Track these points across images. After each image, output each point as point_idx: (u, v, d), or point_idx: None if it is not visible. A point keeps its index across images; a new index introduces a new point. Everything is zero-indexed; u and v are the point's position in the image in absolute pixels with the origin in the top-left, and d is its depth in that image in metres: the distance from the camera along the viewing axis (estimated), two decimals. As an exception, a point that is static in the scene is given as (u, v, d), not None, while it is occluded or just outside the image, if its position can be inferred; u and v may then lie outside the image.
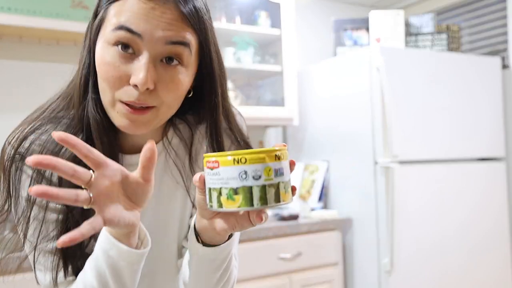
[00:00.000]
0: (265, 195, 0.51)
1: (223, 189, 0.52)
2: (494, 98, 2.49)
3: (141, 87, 0.59)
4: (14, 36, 2.03)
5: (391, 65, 2.17)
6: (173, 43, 0.60)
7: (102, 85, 0.63)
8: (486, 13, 2.79)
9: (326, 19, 3.01)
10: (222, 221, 0.59)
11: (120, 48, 0.60)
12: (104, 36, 0.62)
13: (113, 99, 0.62)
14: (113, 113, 0.63)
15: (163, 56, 0.61)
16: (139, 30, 0.59)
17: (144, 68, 0.59)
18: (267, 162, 0.51)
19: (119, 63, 0.60)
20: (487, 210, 2.41)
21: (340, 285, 2.26)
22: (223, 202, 0.52)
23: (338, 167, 2.43)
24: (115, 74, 0.60)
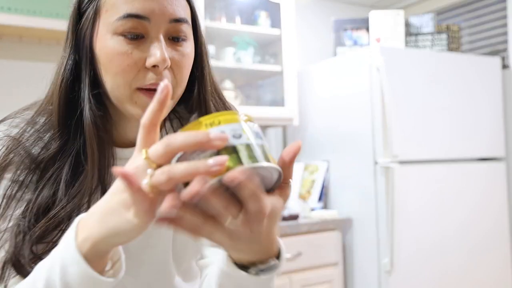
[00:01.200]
0: (253, 153, 0.43)
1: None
2: (494, 98, 2.49)
3: (162, 66, 0.59)
4: (14, 36, 2.04)
5: (391, 65, 2.17)
6: (175, 21, 0.60)
7: (115, 80, 0.61)
8: (486, 13, 2.79)
9: (326, 19, 3.01)
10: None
11: (129, 34, 0.59)
12: (106, 28, 0.60)
13: (131, 90, 0.60)
14: (131, 105, 0.61)
15: (170, 35, 0.61)
16: (146, 13, 0.58)
17: (159, 47, 0.59)
18: (241, 122, 0.45)
19: (131, 49, 0.59)
20: (487, 210, 2.41)
21: (340, 285, 2.26)
22: None
23: (338, 167, 2.43)
24: (130, 62, 0.59)
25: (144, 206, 0.42)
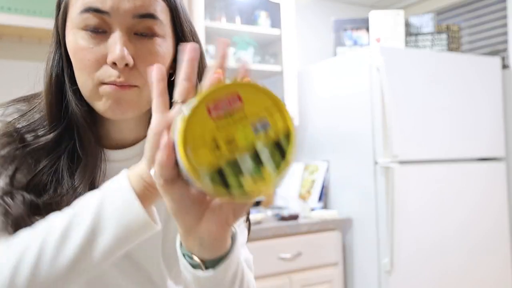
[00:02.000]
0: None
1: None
2: (494, 98, 2.49)
3: (120, 63, 0.56)
4: (14, 36, 2.04)
5: (391, 65, 2.17)
6: (140, 16, 0.58)
7: (80, 75, 0.60)
8: (486, 13, 2.79)
9: (326, 19, 3.01)
10: (211, 217, 0.45)
11: (91, 29, 0.58)
12: (72, 21, 0.59)
13: (94, 85, 0.59)
14: (97, 100, 0.60)
15: (135, 31, 0.59)
16: (106, 8, 0.56)
17: (118, 43, 0.57)
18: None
19: (93, 45, 0.58)
20: (487, 210, 2.41)
21: (340, 285, 2.26)
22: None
23: (338, 167, 2.43)
24: (92, 57, 0.58)
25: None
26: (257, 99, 0.41)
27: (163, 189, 0.43)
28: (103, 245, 0.51)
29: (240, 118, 0.40)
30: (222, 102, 0.40)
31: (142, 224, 0.51)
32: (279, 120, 0.41)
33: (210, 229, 0.45)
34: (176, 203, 0.43)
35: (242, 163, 0.40)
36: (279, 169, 0.40)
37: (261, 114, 0.41)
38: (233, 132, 0.40)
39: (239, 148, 0.40)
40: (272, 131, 0.41)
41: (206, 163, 0.39)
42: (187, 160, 0.39)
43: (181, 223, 0.45)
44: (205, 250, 0.47)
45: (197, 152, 0.39)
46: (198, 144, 0.39)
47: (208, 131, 0.40)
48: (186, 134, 0.39)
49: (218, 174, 0.39)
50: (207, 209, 0.45)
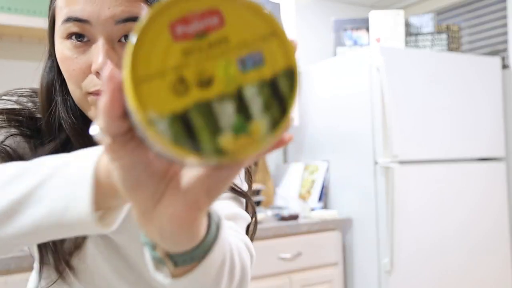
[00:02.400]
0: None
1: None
2: (494, 98, 2.49)
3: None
4: (14, 36, 2.04)
5: (391, 65, 2.17)
6: (123, 21, 0.57)
7: (69, 85, 0.60)
8: (486, 13, 2.79)
9: (326, 19, 3.01)
10: (175, 196, 0.32)
11: (74, 39, 0.57)
12: (57, 32, 0.59)
13: (82, 94, 0.59)
14: (87, 108, 0.60)
15: (118, 37, 0.58)
16: (85, 16, 0.56)
17: (101, 52, 0.56)
18: None
19: (77, 54, 0.58)
20: (487, 210, 2.41)
21: (340, 285, 2.26)
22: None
23: (338, 167, 2.43)
24: (76, 67, 0.58)
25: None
26: (247, 21, 0.29)
27: (110, 152, 0.30)
28: (20, 223, 0.41)
29: (221, 46, 0.28)
30: (193, 17, 0.28)
31: (80, 222, 0.38)
32: (278, 55, 0.29)
33: (172, 213, 0.32)
34: (126, 173, 0.31)
35: (221, 114, 0.28)
36: (275, 127, 0.29)
37: (252, 44, 0.29)
38: (208, 67, 0.28)
39: (217, 91, 0.28)
40: (267, 69, 0.29)
41: (164, 105, 0.27)
42: (135, 98, 0.26)
43: (135, 203, 0.32)
44: (167, 241, 0.33)
45: (152, 90, 0.27)
46: (153, 74, 0.27)
47: (170, 60, 0.27)
48: (136, 62, 0.27)
49: (182, 122, 0.27)
50: (170, 184, 0.32)
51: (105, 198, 0.38)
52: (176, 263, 0.37)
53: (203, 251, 0.37)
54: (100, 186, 0.38)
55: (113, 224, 0.40)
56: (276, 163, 2.82)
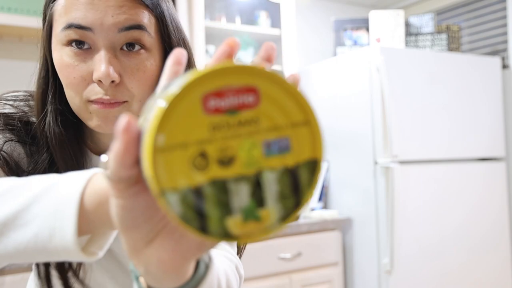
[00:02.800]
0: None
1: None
2: (494, 98, 2.49)
3: (105, 81, 0.55)
4: (14, 36, 2.04)
5: (391, 65, 2.17)
6: (127, 28, 0.56)
7: (68, 92, 0.58)
8: (486, 13, 2.79)
9: (326, 19, 3.01)
10: (166, 243, 0.32)
11: (75, 46, 0.56)
12: (56, 38, 0.58)
13: (83, 102, 0.57)
14: (87, 116, 0.58)
15: (121, 44, 0.57)
16: (88, 23, 0.55)
17: (103, 60, 0.55)
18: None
19: (78, 62, 0.56)
20: (487, 210, 2.41)
21: (340, 285, 2.26)
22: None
23: (338, 167, 2.43)
24: (77, 75, 0.56)
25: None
26: (282, 103, 0.28)
27: (113, 189, 0.30)
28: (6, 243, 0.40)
29: (250, 126, 0.27)
30: (229, 92, 0.27)
31: (64, 250, 0.38)
32: (306, 145, 0.28)
33: (160, 257, 0.32)
34: (125, 213, 0.31)
35: (234, 194, 0.27)
36: (285, 219, 0.28)
37: (282, 129, 0.28)
38: (233, 145, 0.27)
39: (236, 172, 0.27)
40: (291, 158, 0.28)
41: (179, 178, 0.26)
42: (152, 167, 0.26)
43: (127, 240, 0.32)
44: (151, 279, 0.33)
45: (171, 161, 0.26)
46: (175, 145, 0.26)
47: (196, 132, 0.26)
48: (162, 125, 0.26)
49: (194, 196, 0.27)
50: (164, 229, 0.32)
51: (91, 224, 0.38)
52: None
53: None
54: (85, 214, 0.37)
55: (98, 253, 0.40)
56: (276, 163, 2.82)
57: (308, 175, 0.28)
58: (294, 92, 0.28)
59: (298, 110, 0.28)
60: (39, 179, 0.41)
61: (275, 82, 0.27)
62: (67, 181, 0.39)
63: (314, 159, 0.28)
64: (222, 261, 0.55)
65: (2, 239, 0.39)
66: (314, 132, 0.28)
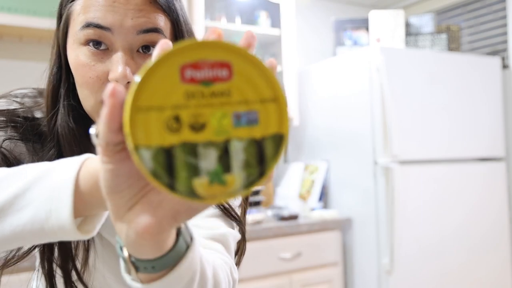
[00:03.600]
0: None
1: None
2: (494, 98, 2.49)
3: (122, 81, 0.56)
4: (14, 36, 2.04)
5: (391, 65, 2.17)
6: (145, 31, 0.57)
7: (82, 91, 0.59)
8: (486, 13, 2.79)
9: (326, 19, 3.01)
10: (145, 208, 0.34)
11: (92, 46, 0.57)
12: (73, 37, 0.58)
13: (97, 102, 0.58)
14: (98, 116, 0.59)
15: (138, 46, 0.58)
16: (108, 24, 0.56)
17: (121, 61, 0.56)
18: None
19: (94, 62, 0.57)
20: (487, 210, 2.41)
21: (340, 285, 2.26)
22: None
23: (338, 167, 2.43)
24: (93, 75, 0.57)
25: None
26: (254, 80, 0.30)
27: (101, 154, 0.33)
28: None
29: (222, 97, 0.30)
30: (205, 64, 0.29)
31: (60, 230, 0.40)
32: (273, 120, 0.31)
33: (138, 223, 0.34)
34: (110, 177, 0.33)
35: (203, 158, 0.30)
36: (249, 186, 0.30)
37: (252, 103, 0.30)
38: (205, 114, 0.29)
39: (206, 137, 0.29)
40: (258, 131, 0.30)
41: (153, 137, 0.29)
42: (129, 124, 0.28)
43: (110, 203, 0.34)
44: (130, 246, 0.36)
45: (147, 120, 0.29)
46: (152, 107, 0.29)
47: (172, 98, 0.29)
48: (142, 89, 0.28)
49: (165, 155, 0.29)
50: (144, 197, 0.34)
51: (85, 206, 0.40)
52: (137, 268, 0.39)
53: (164, 264, 0.38)
54: (80, 196, 0.39)
55: (93, 231, 0.42)
56: (276, 163, 2.82)
57: (273, 148, 0.31)
58: (265, 70, 0.30)
59: (268, 87, 0.30)
60: (33, 166, 0.43)
61: (249, 60, 0.30)
62: (61, 166, 0.41)
63: (280, 134, 0.31)
64: (215, 258, 0.56)
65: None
66: (281, 109, 0.31)
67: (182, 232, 0.40)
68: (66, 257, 0.62)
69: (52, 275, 0.62)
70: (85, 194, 0.39)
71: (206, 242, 0.61)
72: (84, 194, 0.39)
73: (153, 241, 0.35)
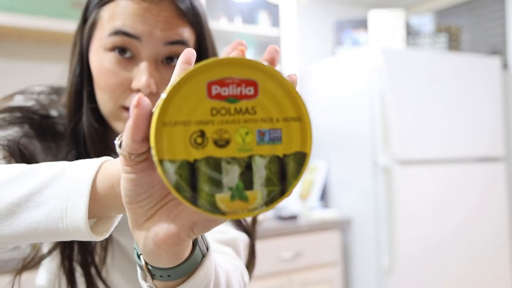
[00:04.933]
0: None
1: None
2: (494, 98, 2.49)
3: (144, 91, 0.57)
4: (14, 36, 2.04)
5: (391, 65, 2.17)
6: (172, 43, 0.58)
7: (102, 95, 0.60)
8: (486, 13, 2.79)
9: (326, 19, 3.01)
10: (163, 219, 0.35)
11: (118, 52, 0.58)
12: (99, 42, 0.59)
13: (116, 108, 0.59)
14: (117, 122, 0.60)
15: (163, 57, 0.59)
16: (137, 33, 0.57)
17: (146, 71, 0.57)
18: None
19: (119, 69, 0.58)
20: (487, 210, 2.41)
21: (340, 285, 2.26)
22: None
23: (338, 167, 2.43)
24: (116, 81, 0.58)
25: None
26: (278, 98, 0.31)
27: (123, 164, 0.33)
28: (17, 224, 0.41)
29: (247, 115, 0.30)
30: (231, 82, 0.30)
31: (75, 230, 0.40)
32: (296, 138, 0.31)
33: (156, 233, 0.35)
34: (131, 187, 0.34)
35: (225, 174, 0.30)
36: (271, 203, 0.31)
37: (276, 122, 0.31)
38: (229, 130, 0.30)
39: (230, 153, 0.30)
40: (280, 149, 0.31)
41: (178, 150, 0.30)
42: (155, 137, 0.29)
43: (129, 212, 0.36)
44: (147, 254, 0.37)
45: (173, 134, 0.30)
46: (179, 121, 0.30)
47: (198, 113, 0.30)
48: (169, 103, 0.29)
49: (189, 169, 0.30)
50: (164, 207, 0.35)
51: (100, 208, 0.40)
52: (154, 276, 0.40)
53: (180, 273, 0.39)
54: (96, 197, 0.40)
55: (106, 233, 0.43)
56: (276, 163, 2.82)
57: (295, 166, 0.31)
58: (291, 89, 0.31)
59: (292, 106, 0.31)
60: (51, 165, 0.43)
61: (274, 79, 0.31)
62: (79, 166, 0.41)
63: (302, 152, 0.31)
64: (227, 263, 0.57)
65: (14, 219, 0.40)
66: (305, 128, 0.31)
67: (199, 242, 0.41)
68: (85, 254, 0.62)
69: (73, 273, 0.63)
70: (101, 196, 0.39)
71: (217, 246, 0.62)
72: (100, 196, 0.39)
73: (170, 251, 0.36)
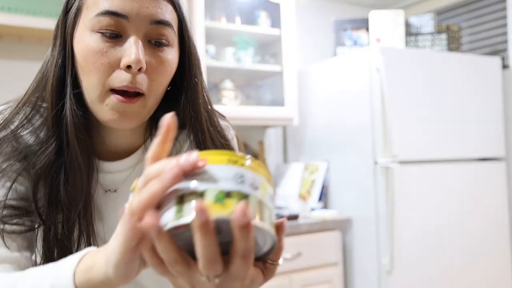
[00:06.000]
0: (262, 212, 0.38)
1: (209, 191, 0.36)
2: (494, 98, 2.49)
3: (135, 66, 0.57)
4: (14, 36, 2.04)
5: (391, 65, 2.17)
6: (157, 22, 0.59)
7: (89, 79, 0.59)
8: (486, 13, 2.79)
9: (326, 19, 3.01)
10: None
11: (105, 32, 0.58)
12: (85, 25, 0.59)
13: (104, 90, 0.59)
14: (101, 108, 0.60)
15: (150, 38, 0.60)
16: (125, 12, 0.57)
17: (135, 47, 0.57)
18: (264, 178, 0.40)
19: (107, 48, 0.58)
20: (487, 210, 2.41)
21: (340, 285, 2.26)
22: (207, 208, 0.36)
23: (338, 167, 2.43)
24: (105, 61, 0.58)
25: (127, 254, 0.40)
26: None
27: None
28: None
29: None
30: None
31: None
32: None
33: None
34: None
35: None
36: None
37: None
38: None
39: None
40: None
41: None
42: None
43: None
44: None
45: None
46: None
47: None
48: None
49: None
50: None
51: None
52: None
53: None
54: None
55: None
56: (276, 163, 2.82)
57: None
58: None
59: None
60: (32, 276, 0.49)
61: None
62: (58, 274, 0.47)
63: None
64: None
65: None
66: None
67: None
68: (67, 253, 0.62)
69: None
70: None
71: None
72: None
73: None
